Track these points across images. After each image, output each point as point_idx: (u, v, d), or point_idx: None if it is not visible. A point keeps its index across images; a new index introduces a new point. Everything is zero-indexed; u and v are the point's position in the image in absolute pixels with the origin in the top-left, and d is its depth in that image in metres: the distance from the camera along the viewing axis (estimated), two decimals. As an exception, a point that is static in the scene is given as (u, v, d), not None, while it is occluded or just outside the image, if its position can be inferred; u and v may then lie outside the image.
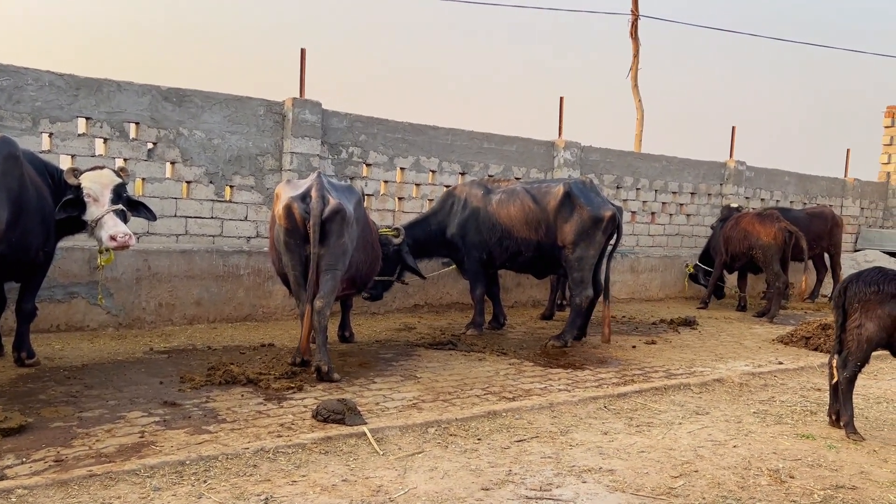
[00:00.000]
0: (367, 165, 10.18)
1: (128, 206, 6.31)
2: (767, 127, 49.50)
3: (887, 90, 53.03)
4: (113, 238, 6.01)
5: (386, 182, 10.41)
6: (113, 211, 6.08)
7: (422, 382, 6.16)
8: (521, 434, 4.69)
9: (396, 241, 8.34)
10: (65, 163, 7.77)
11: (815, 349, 8.55)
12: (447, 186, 10.54)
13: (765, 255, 11.37)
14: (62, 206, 5.97)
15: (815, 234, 13.06)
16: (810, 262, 13.91)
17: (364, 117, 10.11)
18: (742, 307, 12.29)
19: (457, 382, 6.22)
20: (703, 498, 3.76)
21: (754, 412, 5.55)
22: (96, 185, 6.09)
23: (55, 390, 5.37)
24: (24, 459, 3.96)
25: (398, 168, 10.51)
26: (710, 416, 5.36)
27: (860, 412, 5.54)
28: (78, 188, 6.06)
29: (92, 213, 6.09)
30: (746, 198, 15.03)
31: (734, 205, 13.45)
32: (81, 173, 6.12)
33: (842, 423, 5.06)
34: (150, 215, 6.65)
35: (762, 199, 15.44)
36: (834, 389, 5.15)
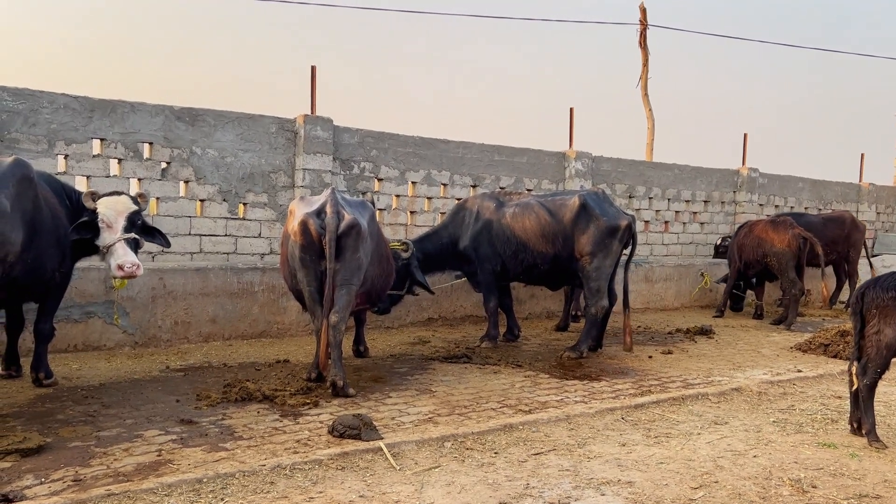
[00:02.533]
0: (379, 180, 10.22)
1: (142, 232, 6.34)
2: (780, 133, 49.26)
3: (900, 94, 52.66)
4: (120, 267, 6.03)
5: (398, 196, 10.45)
6: (124, 239, 6.11)
7: (437, 396, 6.14)
8: (538, 447, 4.66)
9: (405, 255, 8.34)
10: (80, 184, 7.86)
11: (835, 356, 8.45)
12: (459, 199, 10.56)
13: (779, 262, 11.29)
14: (76, 228, 6.02)
15: (829, 240, 12.92)
16: (829, 269, 13.82)
17: (375, 132, 10.16)
18: (759, 315, 12.19)
19: (472, 396, 6.20)
20: (724, 509, 3.71)
21: (774, 421, 5.49)
22: (111, 212, 6.13)
23: (73, 410, 5.40)
24: (42, 479, 3.98)
25: (410, 182, 10.55)
26: (729, 426, 5.30)
27: (882, 419, 5.46)
28: (93, 212, 6.11)
29: (104, 238, 6.13)
30: (760, 205, 14.95)
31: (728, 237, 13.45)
32: (100, 197, 6.18)
33: (864, 431, 5.00)
34: (164, 242, 6.67)
35: (776, 206, 15.35)
36: (854, 397, 5.09)
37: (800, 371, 7.57)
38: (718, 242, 13.80)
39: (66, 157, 7.91)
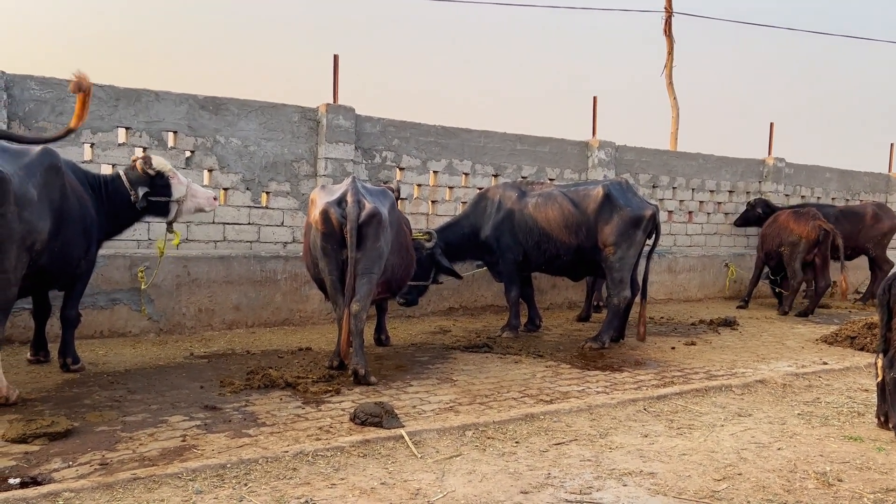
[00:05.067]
0: (401, 169, 10.21)
1: None
2: (807, 123, 48.44)
3: (931, 82, 51.49)
4: (215, 199, 6.97)
5: (419, 185, 10.44)
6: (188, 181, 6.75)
7: (458, 385, 6.15)
8: (559, 437, 4.65)
9: (429, 245, 8.34)
10: (106, 172, 7.92)
11: (861, 349, 8.34)
12: (480, 189, 10.53)
13: (791, 252, 11.27)
14: (153, 193, 6.46)
15: (844, 234, 12.46)
16: (855, 261, 13.59)
17: (397, 121, 10.15)
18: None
19: (493, 385, 6.20)
20: (748, 502, 3.68)
21: (799, 414, 5.43)
22: (167, 166, 6.60)
23: (99, 395, 5.48)
24: (70, 463, 4.04)
25: (431, 171, 10.53)
26: (752, 418, 5.25)
27: (910, 413, 5.37)
28: (161, 174, 6.50)
29: (179, 190, 6.61)
30: (786, 195, 14.74)
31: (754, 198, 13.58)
32: (149, 162, 6.50)
33: (890, 425, 4.92)
34: None
35: (802, 197, 15.12)
36: (881, 390, 5.01)
37: (825, 363, 7.47)
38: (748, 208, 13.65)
39: (92, 145, 8.00)
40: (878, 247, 13.33)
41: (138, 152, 8.30)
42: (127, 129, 8.18)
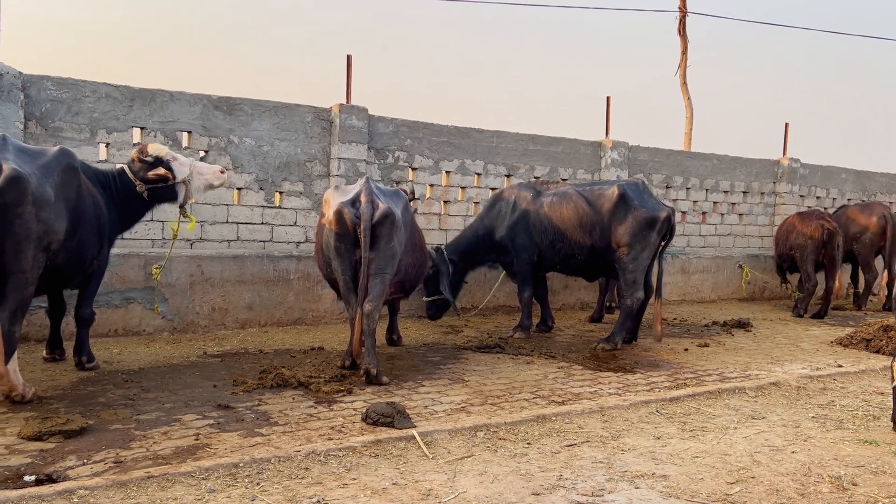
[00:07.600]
0: (413, 169, 10.22)
1: None
2: (822, 123, 48.06)
3: (949, 82, 50.92)
4: (222, 171, 6.91)
5: (432, 185, 10.44)
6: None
7: (470, 386, 6.14)
8: (571, 438, 4.64)
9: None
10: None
11: (877, 351, 8.27)
12: (493, 189, 10.52)
13: (801, 254, 11.20)
14: (161, 178, 6.44)
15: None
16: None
17: (409, 122, 10.16)
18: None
19: (505, 386, 6.19)
20: (761, 505, 3.66)
21: (813, 417, 5.39)
22: (163, 149, 6.56)
23: (114, 393, 5.52)
24: (85, 461, 4.08)
25: (444, 171, 10.53)
26: (766, 421, 5.22)
27: (926, 417, 5.32)
28: (160, 159, 6.46)
29: (182, 171, 6.57)
30: (801, 196, 14.63)
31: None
32: (145, 151, 6.50)
33: (907, 429, 4.88)
34: None
35: (818, 198, 15.02)
36: (898, 393, 4.97)
37: (840, 366, 7.41)
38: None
39: (107, 145, 8.06)
40: (860, 246, 12.27)
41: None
42: (142, 129, 8.24)
